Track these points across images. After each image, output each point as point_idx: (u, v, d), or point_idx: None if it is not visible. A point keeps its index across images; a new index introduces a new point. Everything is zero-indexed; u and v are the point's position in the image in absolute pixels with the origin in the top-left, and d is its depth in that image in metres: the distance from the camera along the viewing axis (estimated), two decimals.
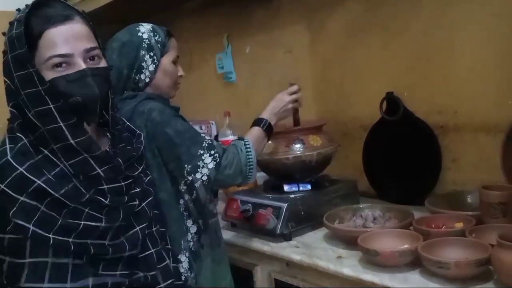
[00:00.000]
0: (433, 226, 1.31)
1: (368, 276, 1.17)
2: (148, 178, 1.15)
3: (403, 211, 1.46)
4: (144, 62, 1.33)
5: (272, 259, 1.47)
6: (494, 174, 1.39)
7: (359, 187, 1.75)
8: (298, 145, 1.60)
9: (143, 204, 1.08)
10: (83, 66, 0.97)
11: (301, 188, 1.63)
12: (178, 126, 1.26)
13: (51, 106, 0.95)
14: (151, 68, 1.34)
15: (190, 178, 1.25)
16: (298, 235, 1.51)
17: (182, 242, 1.28)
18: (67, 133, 0.95)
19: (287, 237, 1.49)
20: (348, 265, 1.25)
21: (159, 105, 1.29)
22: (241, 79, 2.39)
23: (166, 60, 1.37)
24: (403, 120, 1.69)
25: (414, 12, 1.66)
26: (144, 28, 1.36)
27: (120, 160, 1.03)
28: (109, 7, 2.20)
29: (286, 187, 1.64)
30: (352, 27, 1.87)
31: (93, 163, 0.98)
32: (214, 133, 2.49)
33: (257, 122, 1.45)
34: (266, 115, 1.46)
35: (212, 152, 1.26)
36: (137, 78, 1.33)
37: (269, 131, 1.45)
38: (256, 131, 1.43)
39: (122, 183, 1.03)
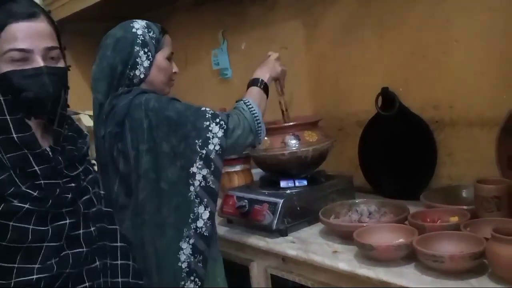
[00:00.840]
0: (428, 220, 1.32)
1: (364, 270, 1.17)
2: (90, 177, 1.13)
3: (399, 205, 1.46)
4: (139, 58, 1.33)
5: (268, 255, 1.47)
6: (489, 169, 1.40)
7: (354, 182, 1.75)
8: (293, 141, 1.60)
9: (79, 202, 1.06)
10: (41, 63, 0.99)
11: (297, 184, 1.63)
12: (177, 107, 1.27)
13: (1, 98, 0.97)
14: (146, 64, 1.34)
15: (204, 151, 1.25)
16: (294, 230, 1.51)
17: (185, 230, 1.27)
18: (11, 126, 0.97)
19: (283, 233, 1.49)
20: (344, 259, 1.25)
21: (154, 95, 1.30)
22: (237, 75, 2.39)
23: (161, 57, 1.37)
24: (399, 116, 1.70)
25: (408, 7, 1.67)
26: (139, 25, 1.36)
27: (60, 159, 1.04)
28: (102, 4, 2.20)
29: (282, 183, 1.64)
30: (347, 22, 1.87)
31: (32, 160, 0.99)
32: None
33: (253, 82, 1.45)
34: (259, 74, 1.47)
35: (218, 120, 1.27)
36: (132, 74, 1.33)
37: (265, 89, 1.45)
38: (254, 89, 1.43)
39: (60, 181, 1.03)
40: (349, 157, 1.88)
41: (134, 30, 1.34)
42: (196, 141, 1.25)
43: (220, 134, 1.26)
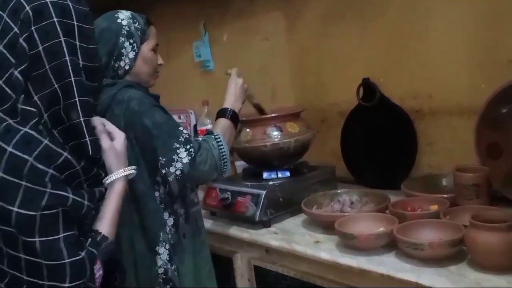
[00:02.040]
0: (409, 209, 1.33)
1: (345, 259, 1.18)
2: None
3: (380, 195, 1.47)
4: (124, 49, 1.31)
5: (252, 246, 1.48)
6: (468, 157, 1.41)
7: (337, 173, 1.76)
8: (275, 133, 1.60)
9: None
10: None
11: (279, 175, 1.64)
12: (156, 117, 1.25)
13: None
14: (131, 55, 1.32)
15: (163, 171, 1.24)
16: (277, 221, 1.52)
17: (161, 234, 1.28)
18: None
19: (266, 224, 1.50)
20: (326, 249, 1.26)
21: (138, 94, 1.27)
22: (219, 67, 2.38)
23: (146, 48, 1.35)
24: (380, 106, 1.71)
25: None
26: (124, 15, 1.34)
27: None
28: None
29: (265, 175, 1.65)
30: (328, 14, 1.87)
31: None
32: (193, 122, 2.48)
33: (221, 113, 1.45)
34: (227, 104, 1.47)
35: (188, 147, 1.25)
36: (117, 65, 1.31)
37: (235, 118, 1.45)
38: (223, 122, 1.42)
39: None
40: (331, 148, 1.89)
41: (119, 20, 1.32)
42: (160, 158, 1.23)
43: (185, 160, 1.24)
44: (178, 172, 1.24)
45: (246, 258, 1.51)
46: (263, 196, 1.49)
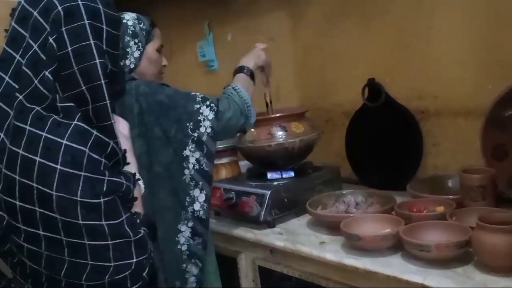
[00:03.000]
0: (415, 210, 1.32)
1: (351, 260, 1.18)
2: None
3: (385, 196, 1.47)
4: (129, 48, 1.33)
5: (256, 246, 1.47)
6: (474, 158, 1.41)
7: (341, 173, 1.75)
8: (280, 133, 1.60)
9: None
10: None
11: (284, 175, 1.63)
12: (167, 91, 1.29)
13: None
14: (136, 54, 1.34)
15: (195, 134, 1.26)
16: (281, 222, 1.51)
17: (182, 213, 1.29)
18: None
19: (270, 224, 1.49)
20: (331, 250, 1.26)
21: (143, 81, 1.31)
22: (223, 67, 2.38)
23: (151, 48, 1.38)
24: (385, 106, 1.70)
25: None
26: (129, 16, 1.36)
27: None
28: None
29: (269, 175, 1.64)
30: (332, 13, 1.86)
31: None
32: None
33: (239, 69, 1.46)
34: (244, 62, 1.48)
35: (208, 102, 1.28)
36: (121, 64, 1.32)
37: (252, 76, 1.46)
38: (241, 76, 1.44)
39: None
40: (336, 148, 1.88)
41: (124, 21, 1.34)
42: (188, 124, 1.26)
43: (211, 116, 1.27)
44: (209, 130, 1.27)
45: (251, 258, 1.50)
46: (267, 196, 1.49)
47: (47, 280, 0.92)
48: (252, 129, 1.64)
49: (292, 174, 1.63)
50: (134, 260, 0.89)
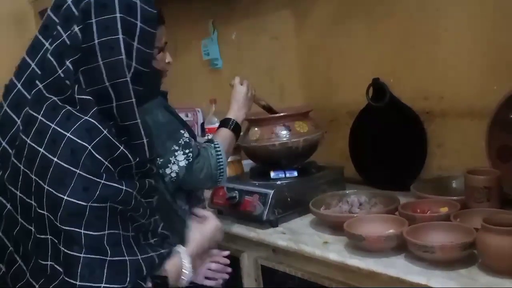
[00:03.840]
0: (419, 211, 1.32)
1: (354, 261, 1.17)
2: None
3: (389, 196, 1.46)
4: None
5: (259, 246, 1.47)
6: (479, 159, 1.40)
7: (345, 173, 1.75)
8: (284, 132, 1.59)
9: None
10: None
11: (287, 175, 1.63)
12: (159, 117, 1.26)
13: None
14: None
15: (160, 171, 1.24)
16: (284, 221, 1.51)
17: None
18: None
19: (273, 224, 1.49)
20: (334, 250, 1.25)
21: None
22: (227, 65, 2.37)
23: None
24: (389, 107, 1.69)
25: None
26: None
27: None
28: None
29: (272, 174, 1.64)
30: (337, 13, 1.85)
31: None
32: (200, 120, 2.48)
33: (224, 122, 1.46)
34: (231, 114, 1.48)
35: (187, 151, 1.27)
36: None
37: (237, 130, 1.46)
38: (224, 132, 1.44)
39: None
40: (340, 148, 1.87)
41: None
42: (158, 158, 1.23)
43: (182, 164, 1.26)
44: (173, 175, 1.26)
45: (253, 257, 1.50)
46: (271, 195, 1.49)
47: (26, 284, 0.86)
48: (256, 128, 1.64)
49: (295, 173, 1.63)
50: (102, 285, 0.80)
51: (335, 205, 1.51)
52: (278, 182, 1.58)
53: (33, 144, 0.83)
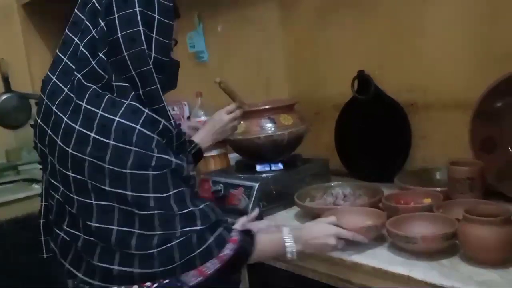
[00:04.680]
0: (402, 202, 1.32)
1: (337, 252, 1.17)
2: None
3: (373, 188, 1.47)
4: None
5: None
6: (462, 151, 1.40)
7: (331, 166, 1.75)
8: (269, 125, 1.59)
9: None
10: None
11: (273, 168, 1.62)
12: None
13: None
14: None
15: None
16: (269, 214, 1.50)
17: None
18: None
19: (258, 217, 1.48)
20: None
21: None
22: (213, 58, 2.36)
23: None
24: (374, 99, 1.69)
25: None
26: None
27: None
28: None
29: (258, 167, 1.63)
30: (323, 6, 1.85)
31: None
32: (186, 114, 2.46)
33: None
34: (198, 137, 1.44)
35: None
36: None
37: (197, 155, 1.41)
38: None
39: None
40: (325, 140, 1.87)
41: None
42: None
43: None
44: None
45: None
46: (256, 188, 1.48)
47: (101, 250, 0.96)
48: (241, 121, 1.63)
49: (280, 166, 1.63)
50: (179, 230, 0.94)
51: (319, 198, 1.51)
52: (264, 175, 1.58)
53: (83, 129, 0.92)
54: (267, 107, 1.61)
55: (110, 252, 0.95)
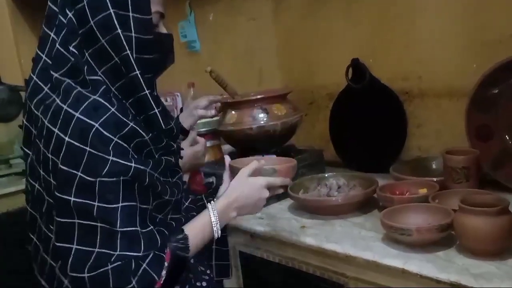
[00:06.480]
0: (397, 192, 1.30)
1: (331, 245, 1.15)
2: None
3: (368, 178, 1.44)
4: None
5: (237, 232, 1.43)
6: (458, 139, 1.38)
7: (325, 156, 1.72)
8: (261, 115, 1.56)
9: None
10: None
11: None
12: None
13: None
14: None
15: None
16: (263, 206, 1.48)
17: None
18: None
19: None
20: (311, 234, 1.23)
21: None
22: (205, 48, 2.32)
23: None
24: (369, 87, 1.66)
25: None
26: None
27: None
28: None
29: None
30: None
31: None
32: (179, 105, 2.43)
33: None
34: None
35: None
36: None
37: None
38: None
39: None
40: (319, 130, 1.85)
41: None
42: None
43: None
44: None
45: (231, 243, 1.46)
46: None
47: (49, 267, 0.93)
48: (233, 112, 1.60)
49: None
50: (117, 252, 0.86)
51: (313, 189, 1.48)
52: None
53: (50, 126, 0.88)
54: (259, 97, 1.58)
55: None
